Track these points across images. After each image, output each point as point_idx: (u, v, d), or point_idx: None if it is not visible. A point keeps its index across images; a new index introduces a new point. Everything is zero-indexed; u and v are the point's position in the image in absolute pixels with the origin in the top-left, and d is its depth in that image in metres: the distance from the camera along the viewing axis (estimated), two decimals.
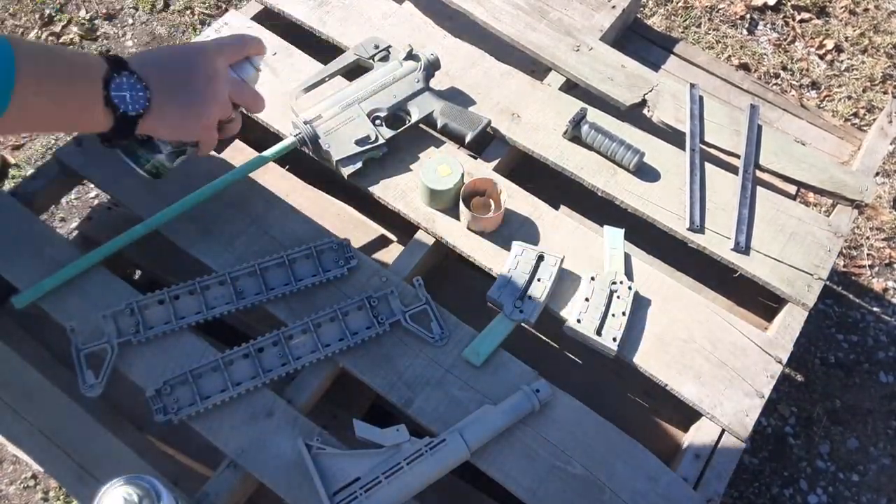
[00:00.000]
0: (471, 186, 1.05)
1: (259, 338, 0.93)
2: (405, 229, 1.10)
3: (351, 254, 1.01)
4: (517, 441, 0.90)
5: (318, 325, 0.95)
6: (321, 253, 1.01)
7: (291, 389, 0.93)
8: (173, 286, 0.96)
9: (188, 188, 1.03)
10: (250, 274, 0.98)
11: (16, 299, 0.95)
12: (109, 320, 0.93)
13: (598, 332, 0.96)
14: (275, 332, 0.94)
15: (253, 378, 0.91)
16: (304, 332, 0.94)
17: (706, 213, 1.10)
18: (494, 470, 0.89)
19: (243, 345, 0.93)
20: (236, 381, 0.91)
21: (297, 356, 0.93)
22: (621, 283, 1.00)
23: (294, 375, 0.94)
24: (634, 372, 0.98)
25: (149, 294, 0.95)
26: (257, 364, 0.92)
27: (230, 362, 0.92)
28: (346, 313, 0.96)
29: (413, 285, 0.99)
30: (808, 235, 1.10)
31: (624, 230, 1.07)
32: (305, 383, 0.94)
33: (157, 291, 0.95)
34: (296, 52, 1.22)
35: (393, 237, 1.16)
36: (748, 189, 1.13)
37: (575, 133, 1.14)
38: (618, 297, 0.99)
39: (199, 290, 0.96)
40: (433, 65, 1.16)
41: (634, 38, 1.44)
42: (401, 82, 1.13)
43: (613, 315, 0.98)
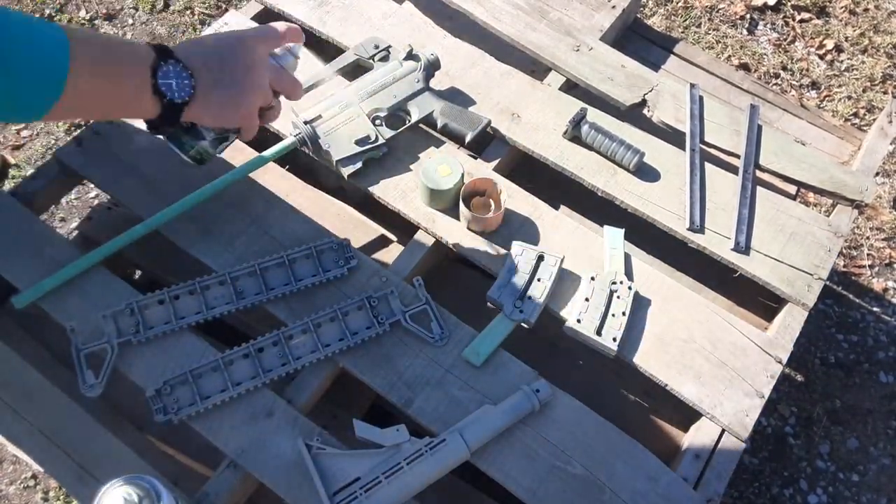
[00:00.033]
0: (471, 186, 1.05)
1: (259, 338, 0.93)
2: (405, 229, 1.10)
3: (351, 254, 1.01)
4: (517, 441, 0.90)
5: (318, 325, 0.95)
6: (321, 253, 1.01)
7: (291, 389, 0.93)
8: (173, 286, 0.96)
9: (188, 188, 1.03)
10: (250, 274, 0.98)
11: (16, 299, 0.95)
12: (109, 320, 0.93)
13: (598, 332, 0.96)
14: (275, 332, 0.94)
15: (253, 378, 0.91)
16: (304, 332, 0.94)
17: (706, 213, 1.10)
18: (494, 470, 0.89)
19: (243, 345, 0.93)
20: (236, 381, 0.91)
21: (297, 356, 0.93)
22: (621, 283, 1.00)
23: (294, 375, 0.94)
24: (634, 372, 0.98)
25: (149, 294, 0.95)
26: (257, 364, 0.92)
27: (230, 362, 0.92)
28: (346, 313, 0.96)
29: (413, 285, 0.99)
30: (808, 235, 1.10)
31: (624, 230, 1.07)
32: (305, 383, 0.94)
33: (157, 291, 0.96)
34: None
35: (393, 237, 1.16)
36: (748, 189, 1.13)
37: (575, 133, 1.14)
38: (618, 297, 0.99)
39: (199, 290, 0.96)
40: (433, 65, 1.16)
41: (634, 38, 1.44)
42: (401, 82, 1.13)
43: (613, 315, 0.98)
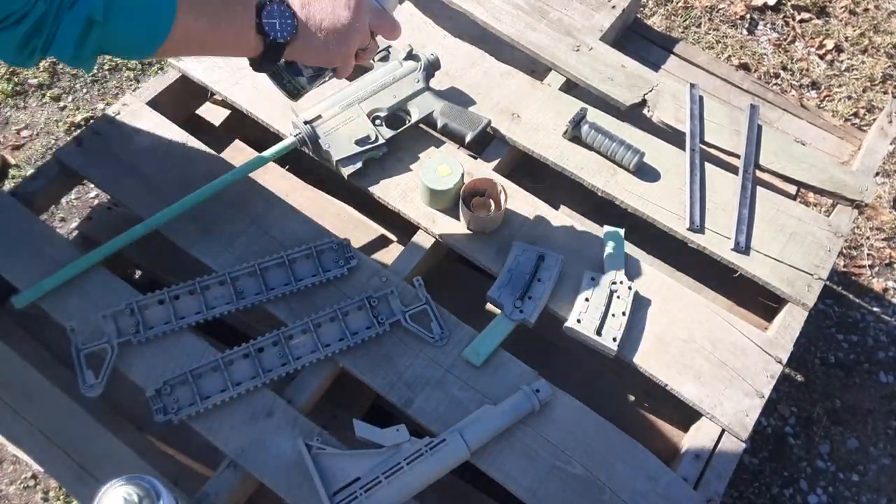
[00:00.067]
0: (471, 186, 1.05)
1: (259, 338, 0.93)
2: (405, 229, 1.10)
3: (351, 254, 1.01)
4: (517, 441, 0.90)
5: (318, 325, 0.95)
6: (321, 253, 1.01)
7: (291, 389, 0.93)
8: (173, 286, 0.96)
9: (188, 188, 1.03)
10: (250, 274, 0.98)
11: (16, 299, 0.95)
12: (109, 320, 0.93)
13: (598, 332, 0.96)
14: (275, 332, 0.94)
15: (253, 378, 0.91)
16: (304, 332, 0.94)
17: (706, 213, 1.10)
18: (494, 470, 0.89)
19: (243, 345, 0.93)
20: (236, 381, 0.91)
21: (297, 356, 0.93)
22: (621, 283, 1.00)
23: (294, 375, 0.94)
24: (634, 372, 0.98)
25: (149, 294, 0.95)
26: (257, 364, 0.92)
27: (230, 362, 0.92)
28: (346, 313, 0.96)
29: (413, 285, 0.99)
30: (808, 235, 1.10)
31: (624, 230, 1.07)
32: (305, 383, 0.94)
33: (157, 291, 0.96)
34: None
35: (393, 237, 1.16)
36: (748, 189, 1.13)
37: (575, 133, 1.14)
38: (618, 297, 0.99)
39: (199, 290, 0.96)
40: (433, 65, 1.16)
41: (634, 38, 1.44)
42: (401, 82, 1.13)
43: (613, 315, 0.98)
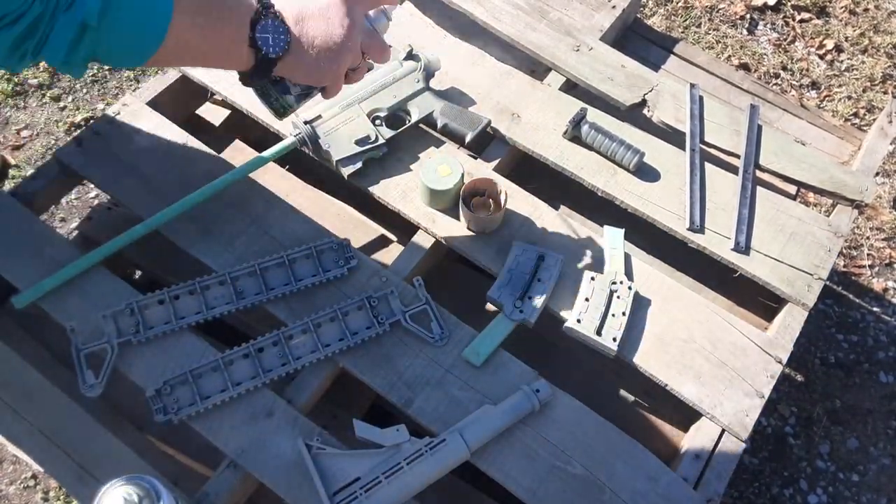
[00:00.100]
0: (471, 186, 1.05)
1: (259, 338, 0.93)
2: (405, 229, 1.10)
3: (351, 254, 1.01)
4: (517, 441, 0.90)
5: (318, 325, 0.95)
6: (321, 253, 1.01)
7: (291, 389, 0.93)
8: (173, 286, 0.96)
9: (188, 188, 1.03)
10: (250, 274, 0.98)
11: (16, 299, 0.95)
12: (109, 320, 0.93)
13: (598, 332, 0.96)
14: (275, 332, 0.94)
15: (253, 378, 0.91)
16: (304, 332, 0.94)
17: (706, 213, 1.10)
18: (494, 470, 0.89)
19: (243, 345, 0.93)
20: (236, 381, 0.91)
21: (297, 356, 0.93)
22: (621, 283, 1.00)
23: (294, 375, 0.94)
24: (634, 372, 0.98)
25: (149, 294, 0.95)
26: (257, 364, 0.92)
27: (230, 362, 0.92)
28: (346, 313, 0.96)
29: (413, 285, 0.99)
30: (808, 235, 1.10)
31: (624, 230, 1.07)
32: (305, 383, 0.94)
33: (157, 291, 0.96)
34: None
35: (393, 237, 1.16)
36: (748, 189, 1.13)
37: (575, 133, 1.14)
38: (618, 297, 0.99)
39: (199, 290, 0.96)
40: (433, 65, 1.16)
41: (634, 38, 1.44)
42: (401, 82, 1.13)
43: (613, 315, 0.98)
